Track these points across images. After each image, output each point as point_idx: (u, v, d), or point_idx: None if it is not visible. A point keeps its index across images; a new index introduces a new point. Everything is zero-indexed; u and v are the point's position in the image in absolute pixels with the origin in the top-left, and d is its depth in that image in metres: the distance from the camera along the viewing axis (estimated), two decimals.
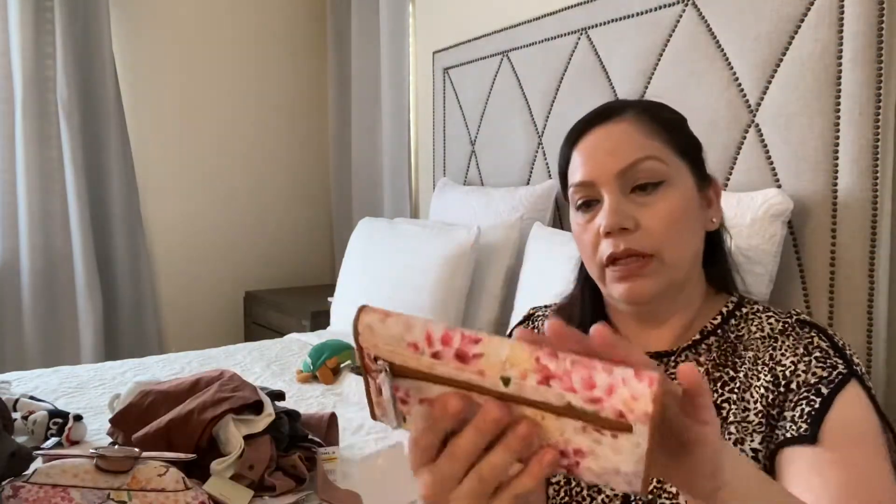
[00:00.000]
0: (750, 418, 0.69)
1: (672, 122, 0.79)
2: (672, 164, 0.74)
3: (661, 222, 0.72)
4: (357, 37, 3.07)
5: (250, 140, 3.32)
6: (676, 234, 0.73)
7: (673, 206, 0.72)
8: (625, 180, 0.73)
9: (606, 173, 0.73)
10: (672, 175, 0.74)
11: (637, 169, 0.73)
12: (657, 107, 0.80)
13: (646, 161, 0.73)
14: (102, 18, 2.81)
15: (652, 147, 0.74)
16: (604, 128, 0.76)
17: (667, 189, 0.73)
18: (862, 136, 1.21)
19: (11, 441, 1.10)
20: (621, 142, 0.74)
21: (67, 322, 2.81)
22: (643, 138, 0.74)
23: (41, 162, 2.72)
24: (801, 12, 1.30)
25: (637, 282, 0.72)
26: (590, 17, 1.81)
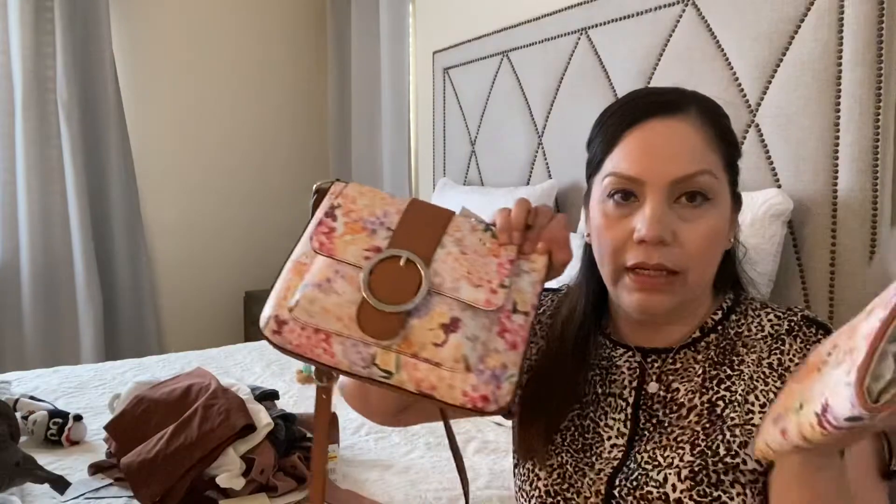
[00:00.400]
0: (755, 421, 0.67)
1: (729, 132, 0.75)
2: (721, 181, 0.71)
3: (700, 242, 0.68)
4: (357, 37, 3.07)
5: (250, 140, 3.32)
6: (708, 256, 0.70)
7: (713, 226, 0.69)
8: (675, 189, 0.69)
9: (661, 177, 0.69)
10: (719, 193, 0.70)
11: (693, 181, 0.68)
12: (718, 110, 0.75)
13: (704, 175, 0.69)
14: (102, 18, 2.81)
15: (710, 160, 0.70)
16: (665, 123, 0.70)
17: (712, 208, 0.69)
18: (862, 136, 1.21)
19: (17, 450, 1.10)
20: (683, 146, 0.69)
21: (67, 322, 2.81)
22: (704, 147, 0.70)
23: (41, 162, 2.72)
24: (801, 12, 1.30)
25: (654, 297, 0.69)
26: (590, 17, 1.81)
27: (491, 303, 0.62)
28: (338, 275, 0.62)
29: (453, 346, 0.59)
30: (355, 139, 3.14)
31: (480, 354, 0.60)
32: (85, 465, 1.30)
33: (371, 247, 0.64)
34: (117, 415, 1.34)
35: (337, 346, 0.60)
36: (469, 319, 0.61)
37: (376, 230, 0.66)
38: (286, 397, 1.69)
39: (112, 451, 1.31)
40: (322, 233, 0.65)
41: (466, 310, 0.61)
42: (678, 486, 0.67)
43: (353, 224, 0.66)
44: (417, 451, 1.40)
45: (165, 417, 1.28)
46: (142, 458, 1.18)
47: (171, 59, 3.10)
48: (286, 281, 0.64)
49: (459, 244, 0.66)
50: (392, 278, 0.62)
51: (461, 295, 0.62)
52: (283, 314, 0.61)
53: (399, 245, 0.64)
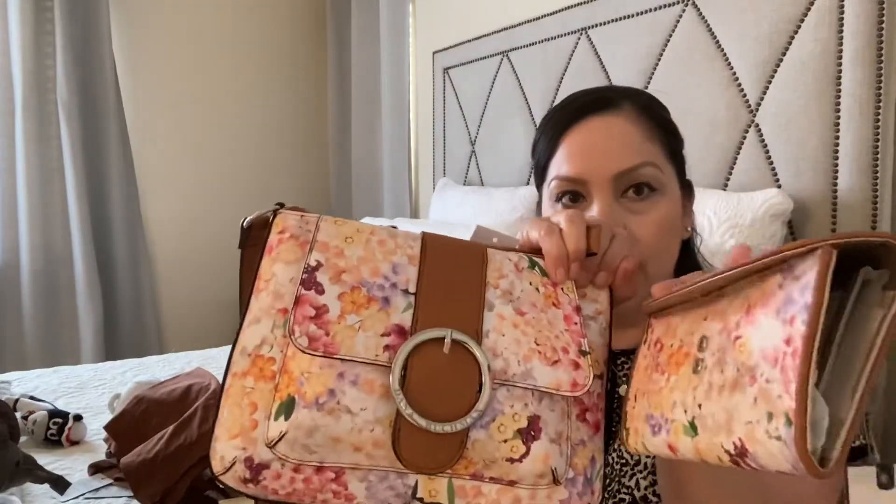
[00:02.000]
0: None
1: (666, 121, 0.75)
2: (665, 172, 0.71)
3: (652, 233, 0.67)
4: (357, 37, 3.07)
5: (250, 140, 3.32)
6: (663, 246, 0.69)
7: (664, 216, 0.68)
8: (619, 184, 0.68)
9: (603, 174, 0.68)
10: (665, 183, 0.70)
11: (635, 174, 0.68)
12: (651, 101, 0.76)
13: (645, 167, 0.68)
14: (102, 18, 2.81)
15: (650, 151, 0.70)
16: (600, 119, 0.70)
17: (660, 198, 0.69)
18: (862, 136, 1.21)
19: (17, 450, 1.10)
20: (620, 141, 0.69)
21: (67, 322, 2.80)
22: (642, 139, 0.70)
23: (41, 162, 2.72)
24: (801, 12, 1.30)
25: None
26: (590, 17, 1.81)
27: (578, 385, 0.44)
28: (346, 382, 0.41)
29: (539, 457, 0.42)
30: (355, 139, 3.14)
31: (568, 455, 0.44)
32: (85, 465, 1.30)
33: (390, 328, 0.42)
34: (117, 415, 1.34)
35: (356, 484, 0.41)
36: (548, 411, 0.43)
37: (389, 297, 0.44)
38: None
39: (112, 451, 1.31)
40: (308, 318, 0.42)
41: (543, 399, 0.43)
42: (641, 482, 0.67)
43: (352, 295, 0.43)
44: None
45: (165, 417, 1.28)
46: (142, 458, 1.18)
47: (171, 60, 3.09)
48: (245, 394, 0.41)
49: (511, 299, 0.46)
50: (436, 374, 0.41)
51: (538, 381, 0.43)
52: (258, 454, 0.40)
53: (431, 318, 0.43)
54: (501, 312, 0.45)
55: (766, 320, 0.34)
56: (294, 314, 0.42)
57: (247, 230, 0.50)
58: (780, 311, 0.33)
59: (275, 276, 0.45)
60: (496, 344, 0.43)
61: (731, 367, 0.36)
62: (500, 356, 0.43)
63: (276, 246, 0.46)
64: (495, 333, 0.44)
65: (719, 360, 0.37)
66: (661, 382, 0.42)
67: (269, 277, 0.45)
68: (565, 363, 0.44)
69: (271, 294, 0.44)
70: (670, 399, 0.41)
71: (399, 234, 0.48)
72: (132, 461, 1.19)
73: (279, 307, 0.44)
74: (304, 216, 0.48)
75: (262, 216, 0.49)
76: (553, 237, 0.50)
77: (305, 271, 0.44)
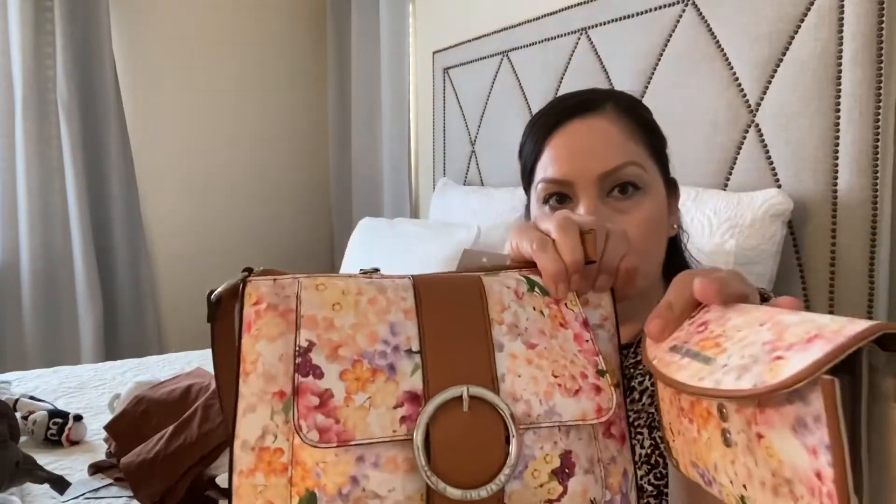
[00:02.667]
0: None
1: (648, 121, 0.76)
2: (649, 170, 0.72)
3: (638, 231, 0.68)
4: (357, 37, 3.07)
5: (250, 139, 3.32)
6: (649, 244, 0.70)
7: (649, 214, 0.70)
8: (604, 184, 0.70)
9: (587, 175, 0.69)
10: (649, 181, 0.71)
11: (619, 174, 0.69)
12: (634, 103, 0.77)
13: (629, 167, 0.69)
14: (102, 18, 2.80)
15: (633, 151, 0.71)
16: (583, 122, 0.72)
17: (644, 196, 0.70)
18: (862, 136, 1.21)
19: (17, 450, 1.10)
20: (603, 142, 0.70)
21: (67, 322, 2.81)
22: (624, 140, 0.71)
23: (41, 162, 2.72)
24: (801, 12, 1.30)
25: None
26: (590, 17, 1.81)
27: (603, 409, 0.42)
28: (367, 465, 0.38)
29: (577, 494, 0.41)
30: (355, 139, 3.14)
31: (603, 479, 0.42)
32: (85, 465, 1.30)
33: (401, 397, 0.39)
34: (117, 415, 1.34)
35: None
36: (577, 441, 0.42)
37: (394, 364, 0.40)
38: None
39: (112, 451, 1.31)
40: (312, 409, 0.38)
41: (570, 431, 0.42)
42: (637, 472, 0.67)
43: (354, 371, 0.40)
44: None
45: (165, 417, 1.27)
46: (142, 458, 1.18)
47: (171, 60, 3.10)
48: (258, 494, 0.38)
49: (518, 332, 0.43)
50: (459, 437, 0.39)
51: (563, 416, 0.41)
52: None
53: (442, 374, 0.40)
54: (512, 351, 0.42)
55: (786, 435, 0.32)
56: (297, 407, 0.38)
57: (215, 303, 0.45)
58: (797, 430, 0.31)
59: (261, 357, 0.41)
60: (514, 387, 0.41)
61: (763, 465, 0.34)
62: (520, 399, 0.41)
63: (255, 321, 0.42)
64: (511, 376, 0.41)
65: (748, 448, 0.35)
66: (694, 433, 0.40)
67: (255, 358, 0.41)
68: (586, 390, 0.42)
69: (261, 377, 0.40)
70: (711, 459, 0.39)
71: (388, 287, 0.44)
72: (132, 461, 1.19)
73: (273, 390, 0.40)
74: (278, 280, 0.44)
75: (232, 286, 0.44)
76: (547, 251, 0.47)
77: (298, 354, 0.40)
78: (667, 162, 0.77)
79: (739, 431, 0.35)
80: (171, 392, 1.35)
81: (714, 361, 0.36)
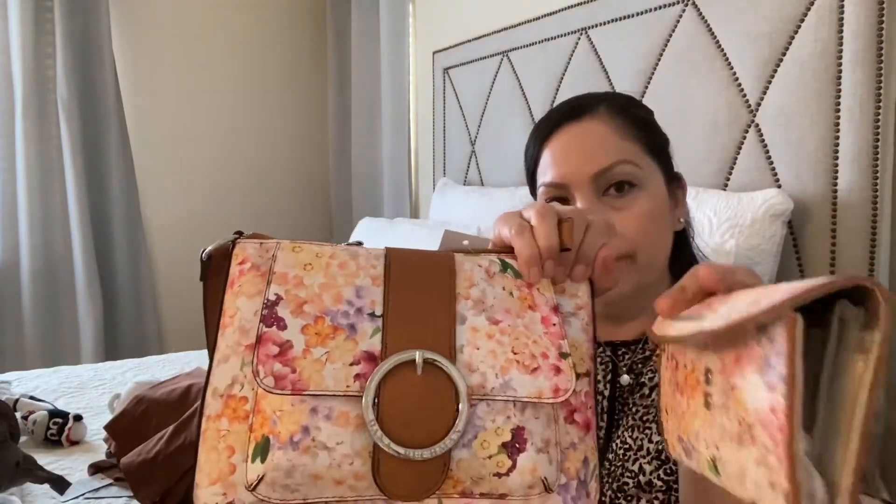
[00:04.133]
0: None
1: (644, 120, 0.78)
2: (645, 167, 0.74)
3: (635, 226, 0.71)
4: (357, 37, 3.07)
5: (250, 140, 3.32)
6: (649, 237, 0.72)
7: (646, 209, 0.72)
8: (598, 183, 0.72)
9: (580, 176, 0.72)
10: (644, 178, 0.73)
11: (612, 172, 0.72)
12: (629, 103, 0.79)
13: (620, 165, 0.72)
14: (102, 18, 2.81)
15: (626, 149, 0.73)
16: (577, 126, 0.75)
17: (639, 192, 0.72)
18: (862, 136, 1.21)
19: (17, 450, 1.10)
20: (595, 143, 0.73)
21: (67, 322, 2.81)
22: (617, 139, 0.73)
23: (41, 162, 2.72)
24: (801, 12, 1.30)
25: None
26: (590, 17, 1.81)
27: (561, 390, 0.42)
28: (320, 417, 0.40)
29: (526, 470, 0.41)
30: (355, 139, 3.14)
31: (558, 461, 0.42)
32: (85, 465, 1.30)
33: (359, 355, 0.41)
34: (117, 415, 1.34)
35: None
36: (532, 420, 0.42)
37: (355, 324, 0.42)
38: None
39: (112, 451, 1.31)
40: (271, 357, 0.41)
41: (526, 408, 0.42)
42: (646, 467, 0.68)
43: (316, 326, 0.42)
44: None
45: (165, 417, 1.27)
46: (142, 458, 1.18)
47: (171, 60, 3.10)
48: (221, 438, 0.41)
49: (483, 308, 0.44)
50: (410, 399, 0.40)
51: (518, 392, 0.41)
52: (239, 499, 0.40)
53: (401, 340, 0.42)
54: (474, 324, 0.43)
55: (752, 377, 0.34)
56: (257, 353, 0.41)
57: (207, 261, 0.48)
58: (763, 371, 0.33)
59: (239, 311, 0.44)
60: (472, 358, 0.42)
61: (733, 416, 0.36)
62: (476, 371, 0.42)
63: (238, 278, 0.45)
64: (470, 347, 0.42)
65: (724, 405, 0.37)
66: (684, 405, 0.42)
67: (234, 313, 0.44)
68: (545, 369, 0.42)
69: (237, 330, 0.43)
70: (694, 427, 0.40)
71: (361, 254, 0.46)
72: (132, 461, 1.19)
73: (246, 343, 0.43)
74: (264, 244, 0.48)
75: (222, 246, 0.48)
76: (524, 236, 0.47)
77: (266, 306, 0.43)
78: (668, 158, 0.78)
79: (720, 393, 0.37)
80: (171, 392, 1.35)
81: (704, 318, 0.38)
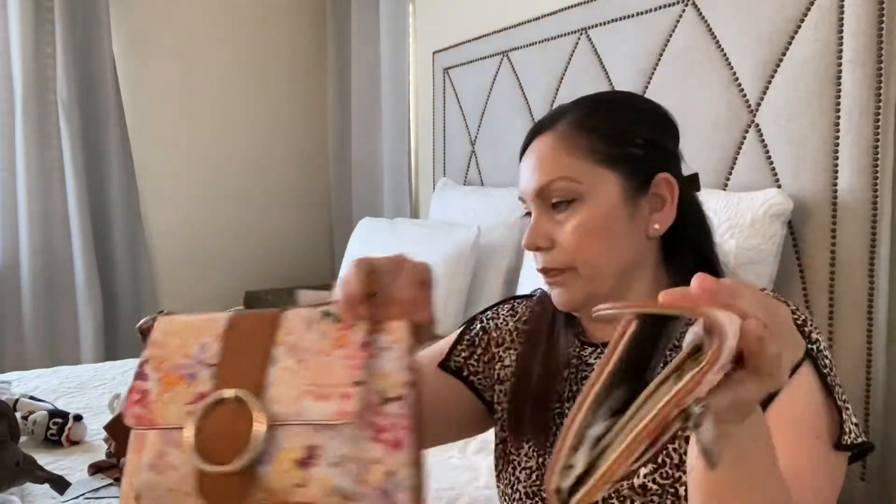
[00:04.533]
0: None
1: (608, 128, 0.76)
2: (587, 180, 0.73)
3: (573, 239, 0.74)
4: (357, 37, 3.07)
5: (251, 139, 3.32)
6: (591, 248, 0.74)
7: (583, 222, 0.73)
8: (543, 198, 0.76)
9: (529, 192, 0.77)
10: (585, 192, 0.74)
11: (549, 190, 0.75)
12: (596, 109, 0.78)
13: (556, 181, 0.74)
14: (102, 18, 2.81)
15: (567, 165, 0.74)
16: (536, 142, 0.79)
17: (579, 206, 0.74)
18: (862, 136, 1.21)
19: (17, 450, 1.10)
20: (540, 161, 0.77)
21: (67, 322, 2.80)
22: (563, 155, 0.75)
23: (41, 162, 2.72)
24: (801, 12, 1.30)
25: (562, 291, 0.76)
26: (590, 17, 1.81)
27: (345, 412, 0.50)
28: (169, 445, 0.52)
29: (318, 481, 0.49)
30: (355, 139, 3.14)
31: (356, 475, 0.50)
32: (85, 465, 1.30)
33: (193, 397, 0.53)
34: (117, 415, 1.33)
35: None
36: (330, 441, 0.50)
37: (196, 373, 0.54)
38: None
39: (112, 451, 1.31)
40: (135, 402, 0.54)
41: (323, 430, 0.50)
42: (641, 470, 0.68)
43: (166, 377, 0.54)
44: None
45: None
46: None
47: (172, 60, 3.09)
48: (129, 459, 0.54)
49: (295, 351, 0.53)
50: (225, 428, 0.51)
51: (310, 416, 0.51)
52: None
53: (226, 382, 0.52)
54: (284, 365, 0.53)
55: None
56: (127, 400, 0.54)
57: (143, 332, 0.61)
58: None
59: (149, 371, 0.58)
60: (277, 393, 0.52)
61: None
62: (278, 402, 0.51)
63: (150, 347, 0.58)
64: (277, 384, 0.52)
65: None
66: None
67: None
68: (335, 396, 0.51)
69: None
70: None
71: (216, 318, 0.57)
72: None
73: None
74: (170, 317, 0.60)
75: (144, 325, 0.61)
76: (342, 286, 0.54)
77: (139, 365, 0.56)
78: (638, 163, 0.75)
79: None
80: None
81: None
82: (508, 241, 1.96)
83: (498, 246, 1.98)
